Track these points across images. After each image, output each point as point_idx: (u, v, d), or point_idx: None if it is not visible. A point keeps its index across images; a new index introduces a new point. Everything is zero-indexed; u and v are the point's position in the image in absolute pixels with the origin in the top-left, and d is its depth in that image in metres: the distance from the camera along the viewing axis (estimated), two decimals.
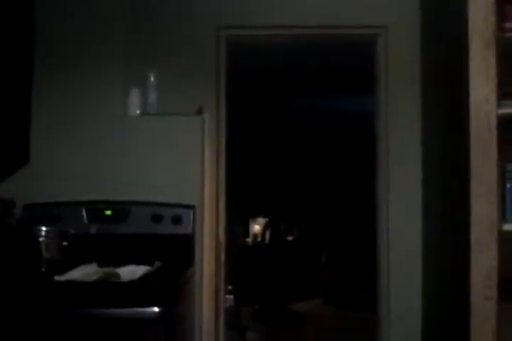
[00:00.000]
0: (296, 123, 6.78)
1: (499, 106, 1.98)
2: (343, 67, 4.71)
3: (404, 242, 2.96)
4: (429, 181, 2.81)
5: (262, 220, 6.36)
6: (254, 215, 6.37)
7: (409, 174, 2.94)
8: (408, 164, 2.95)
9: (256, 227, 6.35)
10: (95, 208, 2.55)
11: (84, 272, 2.17)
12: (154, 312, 1.92)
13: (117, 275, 2.11)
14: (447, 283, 2.47)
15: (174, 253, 2.46)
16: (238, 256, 5.28)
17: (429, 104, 2.83)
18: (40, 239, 2.27)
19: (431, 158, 2.79)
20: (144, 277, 2.11)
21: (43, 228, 2.30)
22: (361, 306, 5.13)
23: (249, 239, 6.27)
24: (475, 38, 1.96)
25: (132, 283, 2.04)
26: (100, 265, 2.27)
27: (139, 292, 1.98)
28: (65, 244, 2.30)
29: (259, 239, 6.22)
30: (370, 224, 3.19)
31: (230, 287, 4.08)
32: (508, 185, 2.06)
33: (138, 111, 2.67)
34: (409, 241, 2.94)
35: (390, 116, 3.01)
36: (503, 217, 2.03)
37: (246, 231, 6.28)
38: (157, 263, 2.28)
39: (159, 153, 2.60)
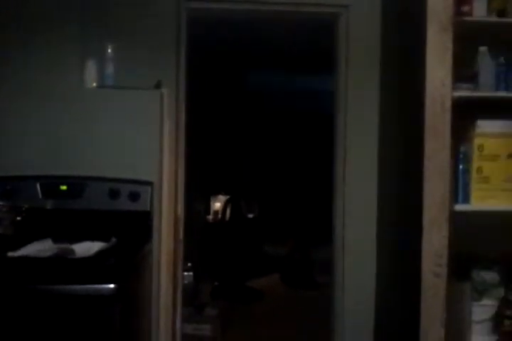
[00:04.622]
0: (257, 99, 6.78)
1: (454, 89, 2.01)
2: (304, 45, 4.71)
3: (359, 221, 3.02)
4: (385, 161, 2.87)
5: (222, 197, 6.37)
6: (215, 192, 6.37)
7: (366, 153, 3.00)
8: (365, 143, 3.00)
9: (217, 204, 6.36)
10: (50, 183, 2.50)
11: (39, 248, 2.14)
12: (110, 288, 1.92)
13: (72, 252, 2.10)
14: (400, 261, 2.54)
15: (131, 230, 2.44)
16: (198, 233, 5.29)
17: (388, 84, 2.87)
18: None
19: (387, 138, 2.83)
20: (100, 253, 2.10)
21: None
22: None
23: (210, 216, 6.28)
24: (433, 20, 1.98)
25: (87, 259, 2.03)
26: (55, 241, 2.25)
27: (94, 268, 1.97)
28: (18, 218, 2.27)
29: (219, 216, 6.23)
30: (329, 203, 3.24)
31: (189, 264, 4.09)
32: (460, 166, 2.11)
33: (94, 84, 2.61)
34: (365, 220, 3.00)
35: (349, 95, 3.04)
36: (454, 198, 2.09)
37: (207, 209, 6.28)
38: (113, 240, 2.26)
39: (116, 127, 2.55)
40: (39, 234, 2.30)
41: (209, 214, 6.27)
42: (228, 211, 6.19)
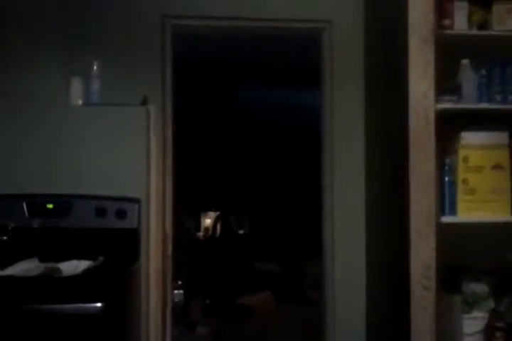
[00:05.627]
0: (245, 115, 6.80)
1: (437, 101, 2.03)
2: (293, 60, 4.75)
3: (349, 236, 3.02)
4: (372, 174, 2.88)
5: (212, 214, 6.35)
6: (205, 209, 6.35)
7: (353, 167, 3.01)
8: (352, 157, 3.01)
9: (207, 221, 6.33)
10: (36, 201, 2.47)
11: (25, 267, 2.13)
12: (98, 307, 1.90)
13: (59, 271, 2.08)
14: (390, 274, 2.54)
15: (119, 248, 2.42)
16: (188, 250, 5.25)
17: (372, 98, 2.89)
18: None
19: (374, 152, 2.84)
20: (87, 272, 2.08)
21: None
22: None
23: (201, 233, 6.24)
24: (414, 34, 2.01)
25: (74, 277, 2.01)
26: (42, 260, 2.23)
27: (81, 287, 1.96)
28: (4, 238, 2.25)
29: (210, 232, 6.20)
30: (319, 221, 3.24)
31: (180, 282, 4.05)
32: (446, 178, 2.12)
33: (80, 101, 2.60)
34: (354, 234, 3.00)
35: (335, 109, 3.05)
36: (441, 210, 2.10)
37: (197, 225, 6.25)
38: (100, 258, 2.25)
39: (103, 144, 2.53)
40: (25, 253, 2.28)
41: (199, 230, 6.24)
42: (218, 227, 6.16)
